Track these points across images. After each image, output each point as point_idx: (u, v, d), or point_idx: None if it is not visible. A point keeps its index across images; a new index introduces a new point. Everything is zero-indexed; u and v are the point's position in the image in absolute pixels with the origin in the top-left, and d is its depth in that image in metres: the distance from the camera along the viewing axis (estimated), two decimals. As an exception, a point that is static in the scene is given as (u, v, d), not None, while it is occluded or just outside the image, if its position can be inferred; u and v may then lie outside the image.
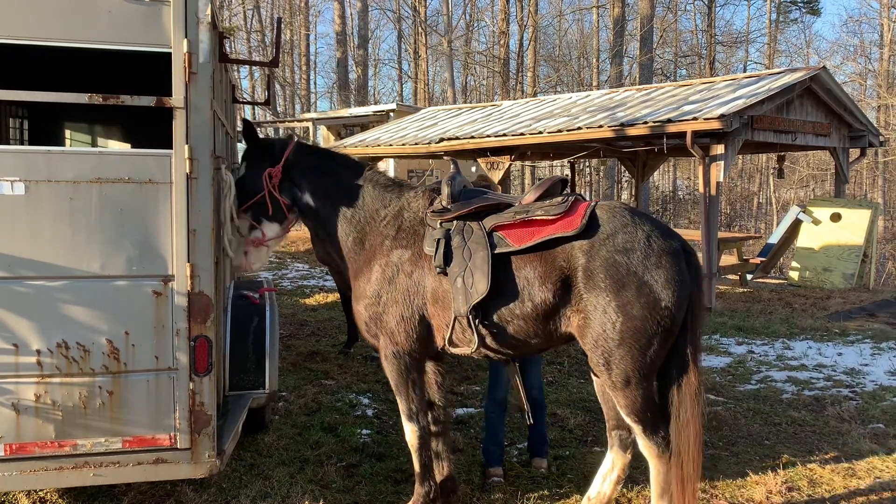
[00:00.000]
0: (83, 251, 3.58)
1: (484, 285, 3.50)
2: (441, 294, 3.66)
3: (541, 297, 3.48)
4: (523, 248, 3.52)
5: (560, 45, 38.22)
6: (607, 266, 3.39)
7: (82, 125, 7.80)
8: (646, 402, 3.49)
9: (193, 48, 3.61)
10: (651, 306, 3.36)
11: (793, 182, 32.13)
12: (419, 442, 3.89)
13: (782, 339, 8.66)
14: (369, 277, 3.83)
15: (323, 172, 4.02)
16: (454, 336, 3.66)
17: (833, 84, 12.00)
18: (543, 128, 11.99)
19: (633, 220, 3.50)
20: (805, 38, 44.33)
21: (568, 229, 3.47)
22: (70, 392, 3.62)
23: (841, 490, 4.44)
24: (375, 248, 3.86)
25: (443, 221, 3.71)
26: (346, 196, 3.97)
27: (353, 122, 19.88)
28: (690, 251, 3.56)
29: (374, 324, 3.84)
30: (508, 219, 3.61)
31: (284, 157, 3.98)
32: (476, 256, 3.55)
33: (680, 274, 3.42)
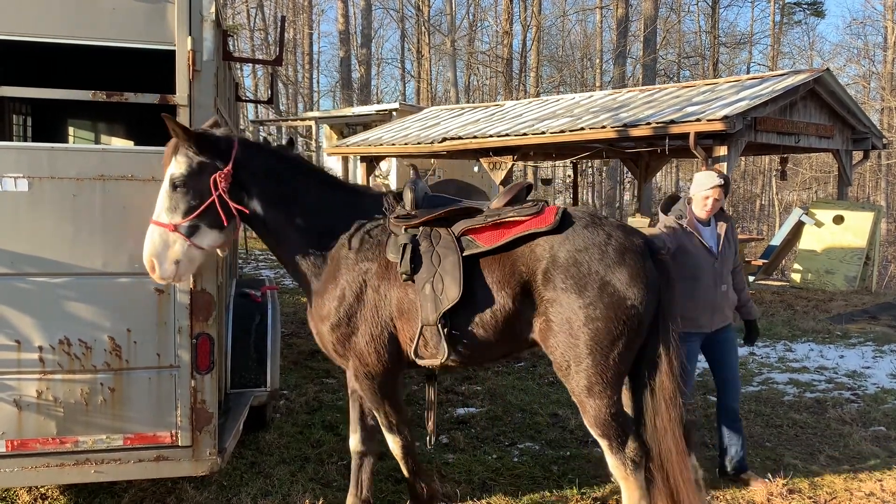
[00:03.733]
0: (86, 248, 3.59)
1: (455, 291, 3.34)
2: (407, 305, 3.46)
3: (509, 301, 3.36)
4: (495, 247, 3.40)
5: (563, 46, 38.20)
6: (567, 266, 3.29)
7: (86, 122, 7.83)
8: (611, 412, 3.33)
9: (197, 46, 3.61)
10: (615, 306, 3.25)
11: (795, 184, 32.10)
12: (403, 451, 3.82)
13: (784, 342, 8.65)
14: (334, 295, 3.53)
15: (273, 176, 3.54)
16: (419, 348, 3.47)
17: (837, 86, 11.99)
18: (546, 128, 11.98)
19: (594, 222, 3.42)
20: (808, 39, 44.38)
21: (542, 225, 3.37)
22: (72, 389, 3.63)
23: (842, 492, 4.44)
24: (338, 262, 3.55)
25: (408, 227, 3.52)
26: (300, 204, 3.57)
27: (355, 121, 19.88)
28: (658, 248, 3.48)
29: (341, 346, 3.58)
30: (479, 222, 3.48)
31: (233, 158, 3.43)
32: (446, 261, 3.39)
33: (645, 271, 3.32)
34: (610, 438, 3.36)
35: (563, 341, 3.31)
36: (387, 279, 3.49)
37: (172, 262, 3.38)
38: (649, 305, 3.31)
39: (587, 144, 12.55)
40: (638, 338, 3.33)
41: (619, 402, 3.37)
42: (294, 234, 3.60)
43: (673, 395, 3.39)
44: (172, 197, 3.39)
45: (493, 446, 5.15)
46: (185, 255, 3.38)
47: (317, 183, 3.66)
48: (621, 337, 3.26)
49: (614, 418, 3.33)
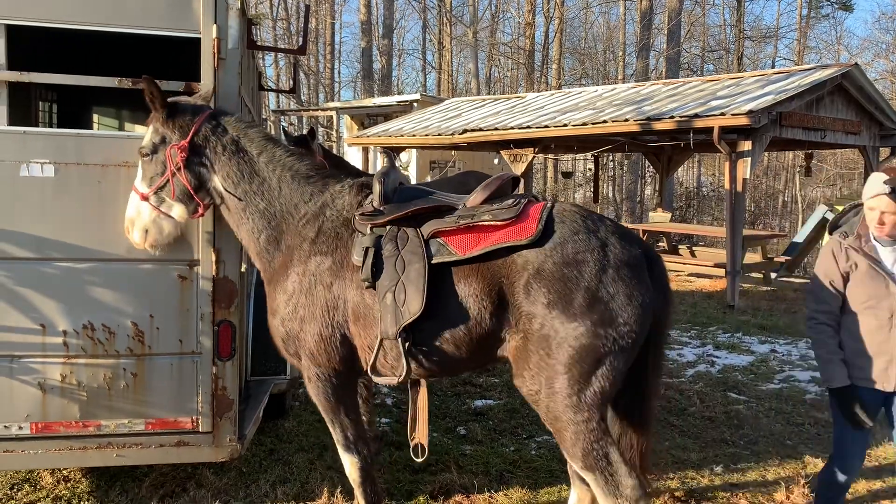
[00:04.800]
0: (110, 234, 3.62)
1: (417, 304, 2.95)
2: (363, 310, 3.12)
3: (485, 315, 2.96)
4: (467, 257, 2.97)
5: (586, 38, 37.93)
6: (552, 279, 2.86)
7: (110, 109, 7.87)
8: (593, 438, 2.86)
9: (222, 34, 3.62)
10: (606, 324, 2.83)
11: (819, 181, 31.72)
12: (361, 475, 3.41)
13: (806, 339, 8.55)
14: (284, 287, 3.28)
15: (236, 152, 3.38)
16: (378, 362, 3.13)
17: (865, 81, 11.80)
18: (568, 120, 11.91)
19: (586, 226, 2.96)
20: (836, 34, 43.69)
21: (521, 236, 2.93)
22: (95, 373, 3.66)
23: (864, 493, 4.39)
24: (292, 252, 3.30)
25: (374, 226, 3.13)
26: (260, 184, 3.38)
27: (376, 111, 19.88)
28: (655, 257, 3.07)
29: (291, 342, 3.31)
30: (451, 224, 3.05)
31: (193, 131, 3.32)
32: (410, 269, 3.00)
33: (642, 287, 2.90)
34: (594, 471, 2.88)
35: (537, 362, 2.89)
36: (342, 278, 3.16)
37: (142, 230, 3.42)
38: (644, 325, 2.91)
39: (609, 137, 12.47)
40: (629, 359, 2.93)
41: (601, 428, 2.88)
42: (253, 218, 3.40)
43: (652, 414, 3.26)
44: (143, 166, 3.42)
45: (511, 438, 5.14)
46: (153, 224, 3.42)
47: (281, 164, 3.41)
48: (607, 356, 2.83)
49: (597, 445, 2.86)
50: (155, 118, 3.38)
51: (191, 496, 4.11)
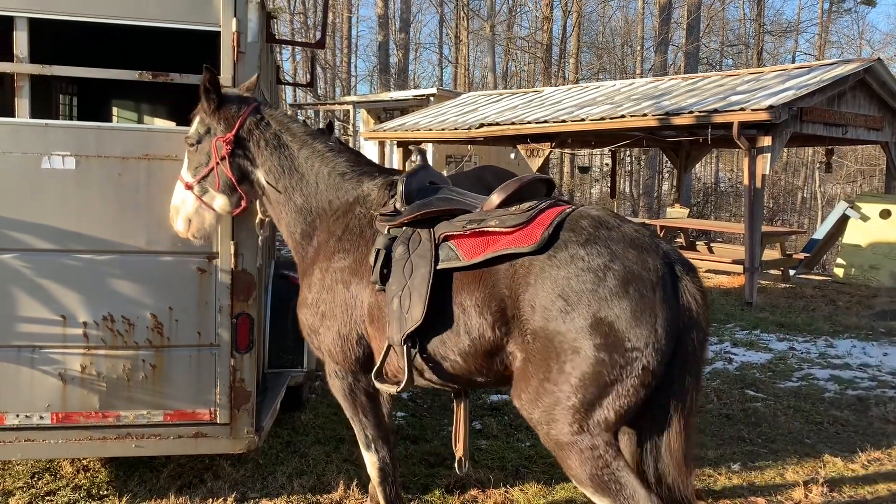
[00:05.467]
0: (130, 226, 3.65)
1: (419, 311, 2.81)
2: (377, 313, 3.04)
3: (487, 328, 2.77)
4: (471, 263, 2.81)
5: (604, 32, 37.72)
6: (553, 295, 2.60)
7: (129, 103, 7.93)
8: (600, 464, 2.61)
9: (242, 27, 3.64)
10: (610, 348, 2.52)
11: (839, 177, 31.36)
12: (379, 475, 3.37)
13: (825, 337, 8.48)
14: (310, 282, 3.28)
15: (278, 147, 3.39)
16: (386, 368, 3.05)
17: (888, 76, 11.64)
18: (586, 115, 11.85)
19: (598, 235, 2.67)
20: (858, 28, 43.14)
21: (524, 244, 2.71)
22: (114, 364, 3.70)
23: (885, 493, 4.34)
24: (320, 248, 3.30)
25: (391, 227, 3.06)
26: (299, 179, 3.38)
27: (393, 105, 19.89)
28: (683, 274, 2.66)
29: (314, 337, 3.31)
30: (460, 228, 2.90)
31: (238, 124, 3.34)
32: (416, 274, 2.87)
33: (656, 305, 2.54)
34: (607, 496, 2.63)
35: (536, 387, 2.66)
36: (359, 278, 3.11)
37: (185, 220, 3.47)
38: (660, 349, 2.55)
39: (627, 132, 12.40)
40: (642, 388, 2.56)
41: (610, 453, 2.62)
42: (291, 212, 3.42)
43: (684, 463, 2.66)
44: (189, 155, 3.45)
45: (527, 434, 5.13)
46: (196, 214, 3.46)
47: (320, 159, 3.39)
48: (614, 384, 2.53)
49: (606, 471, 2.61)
50: (202, 108, 3.40)
51: (208, 487, 4.13)
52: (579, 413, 2.59)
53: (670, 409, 2.64)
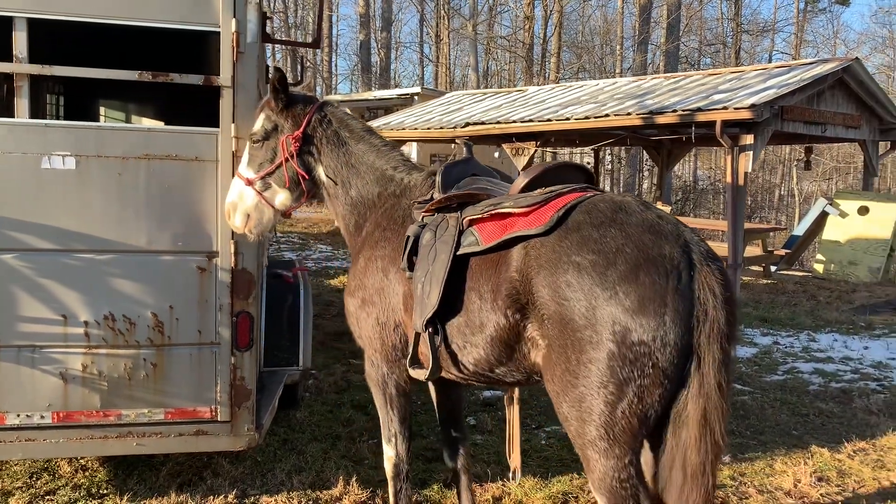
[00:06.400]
0: (131, 226, 3.66)
1: (436, 296, 2.82)
2: (409, 300, 3.05)
3: (501, 316, 2.72)
4: (488, 247, 2.78)
5: (583, 32, 37.93)
6: (560, 281, 2.50)
7: (116, 103, 7.90)
8: (621, 477, 2.47)
9: (241, 28, 3.66)
10: (617, 340, 2.39)
11: (816, 175, 31.83)
12: (394, 469, 3.42)
13: (807, 331, 8.64)
14: (354, 270, 3.39)
15: (339, 143, 3.51)
16: (419, 355, 3.05)
17: (865, 76, 11.86)
18: (570, 114, 11.95)
19: (614, 219, 2.54)
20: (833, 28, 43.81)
21: (533, 225, 2.65)
22: (115, 363, 3.71)
23: (870, 481, 4.46)
24: (366, 237, 3.40)
25: (424, 214, 3.11)
26: (356, 174, 3.50)
27: (376, 105, 19.91)
28: (703, 264, 2.46)
29: (355, 322, 3.38)
30: (479, 211, 2.89)
31: (305, 122, 3.44)
32: (437, 260, 2.88)
33: (667, 294, 2.38)
34: None
35: (560, 377, 2.54)
36: (396, 266, 3.15)
37: (244, 215, 3.50)
38: (671, 342, 2.38)
39: (611, 131, 12.52)
40: (656, 386, 2.41)
41: (633, 465, 2.50)
42: (346, 205, 3.53)
43: (699, 470, 2.44)
44: (251, 152, 3.50)
45: (521, 429, 5.19)
46: (255, 210, 3.49)
47: (375, 153, 3.52)
48: (629, 382, 2.40)
49: (625, 486, 2.48)
50: (269, 106, 3.47)
51: (208, 485, 4.16)
52: (604, 416, 2.45)
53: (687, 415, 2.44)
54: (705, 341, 2.41)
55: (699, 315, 2.41)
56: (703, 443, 2.42)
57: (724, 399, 2.43)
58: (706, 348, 2.41)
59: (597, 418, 2.47)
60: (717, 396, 2.42)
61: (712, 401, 2.42)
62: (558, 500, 4.14)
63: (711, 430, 2.42)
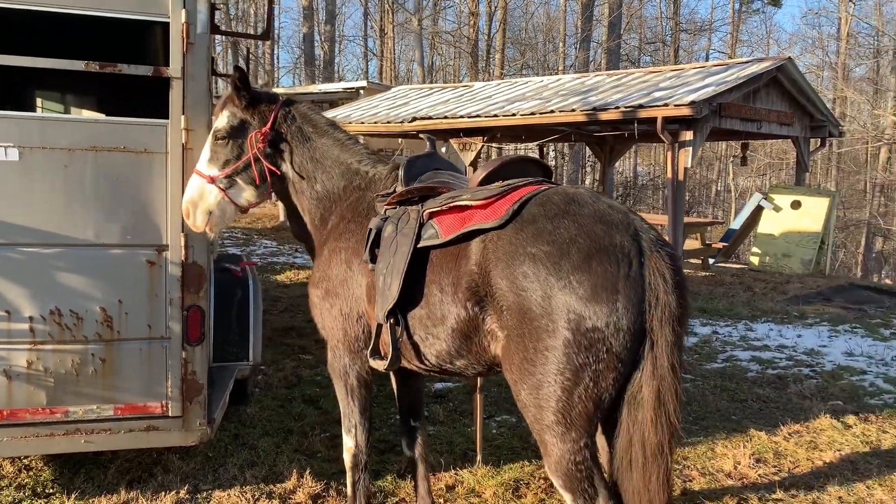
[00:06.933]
0: (78, 219, 3.59)
1: (396, 287, 2.88)
2: (372, 292, 3.10)
3: (460, 308, 2.78)
4: (447, 240, 2.84)
5: (526, 28, 38.31)
6: (516, 272, 2.58)
7: (54, 93, 7.65)
8: (577, 460, 2.56)
9: (191, 19, 3.62)
10: (572, 327, 2.47)
11: (751, 170, 32.91)
12: (353, 460, 3.46)
13: (745, 321, 8.96)
14: (318, 262, 3.45)
15: (304, 139, 3.53)
16: (381, 345, 3.11)
17: (798, 75, 12.33)
18: (517, 110, 12.09)
19: (569, 209, 2.62)
20: (766, 28, 45.30)
21: (490, 219, 2.72)
22: (62, 359, 3.63)
23: (804, 461, 4.68)
24: (331, 230, 3.44)
25: (387, 207, 3.16)
26: (321, 168, 3.52)
27: (321, 98, 19.70)
28: (652, 250, 2.54)
29: (318, 313, 3.42)
30: (439, 204, 2.94)
31: (272, 119, 3.45)
32: (398, 252, 2.93)
33: (618, 281, 2.46)
34: (574, 493, 2.59)
35: (518, 366, 2.62)
36: (360, 258, 3.20)
37: (205, 213, 3.46)
38: (624, 327, 2.47)
39: (556, 127, 12.70)
40: (610, 370, 2.50)
41: (588, 448, 2.59)
42: (312, 200, 3.55)
43: (657, 451, 2.53)
44: (214, 149, 3.46)
45: (472, 419, 5.26)
46: (218, 207, 3.46)
47: (339, 148, 3.54)
48: (585, 368, 2.48)
49: (580, 468, 2.57)
50: (232, 103, 3.44)
51: (159, 481, 4.11)
52: (561, 401, 2.53)
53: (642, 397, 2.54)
54: (657, 325, 2.50)
55: (651, 300, 2.50)
56: (660, 422, 2.51)
57: (677, 380, 2.53)
58: (658, 331, 2.50)
59: (554, 404, 2.55)
60: (671, 377, 2.51)
61: (666, 381, 2.51)
62: (510, 486, 4.22)
63: (666, 409, 2.51)
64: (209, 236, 3.61)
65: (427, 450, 3.70)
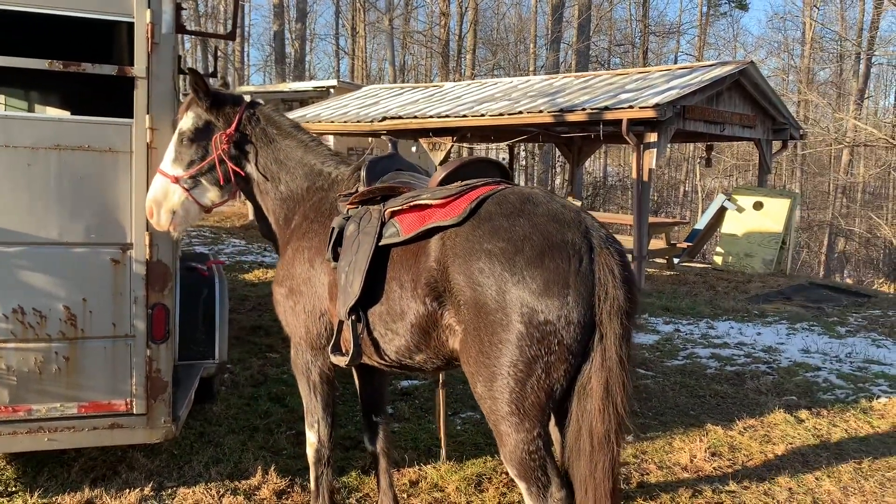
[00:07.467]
0: (41, 217, 3.59)
1: (358, 285, 2.94)
2: (334, 289, 3.17)
3: (419, 304, 2.86)
4: (407, 238, 2.91)
5: (498, 29, 38.51)
6: (473, 269, 2.67)
7: (17, 91, 7.58)
8: (530, 449, 2.65)
9: (156, 19, 3.65)
10: (525, 320, 2.56)
11: (717, 171, 33.43)
12: (316, 455, 3.53)
13: (706, 319, 9.16)
14: (283, 261, 3.49)
15: (268, 140, 3.58)
16: (342, 342, 3.16)
17: (760, 79, 12.61)
18: (486, 111, 12.19)
19: (523, 209, 2.71)
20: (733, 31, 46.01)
21: (448, 217, 2.80)
22: (25, 357, 3.64)
23: (757, 454, 4.83)
24: (294, 229, 3.50)
25: (349, 207, 3.21)
26: (284, 170, 3.58)
27: (292, 97, 19.66)
28: (601, 247, 2.63)
29: (282, 314, 3.49)
30: (400, 203, 3.01)
31: (237, 120, 3.51)
32: (360, 250, 3.00)
33: (569, 276, 2.55)
34: (528, 481, 2.68)
35: (474, 358, 2.71)
36: (322, 256, 3.26)
37: (169, 212, 3.49)
38: (575, 320, 2.56)
39: (524, 128, 12.85)
40: (561, 362, 2.59)
41: (541, 437, 2.68)
42: (276, 201, 3.62)
43: (604, 438, 2.62)
44: (179, 150, 3.50)
45: (444, 412, 5.35)
46: (182, 207, 3.50)
47: (303, 149, 3.60)
48: (537, 359, 2.57)
49: (534, 458, 2.66)
50: (196, 105, 3.48)
51: (123, 479, 4.12)
52: (515, 392, 2.61)
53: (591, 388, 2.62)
54: (606, 318, 2.59)
55: (600, 294, 2.59)
56: (607, 412, 2.59)
57: (624, 371, 2.61)
58: (607, 324, 2.59)
59: (508, 394, 2.63)
60: (619, 369, 2.60)
61: (614, 373, 2.60)
62: (473, 481, 4.31)
63: (613, 400, 2.60)
64: (172, 235, 3.64)
65: (389, 444, 3.77)
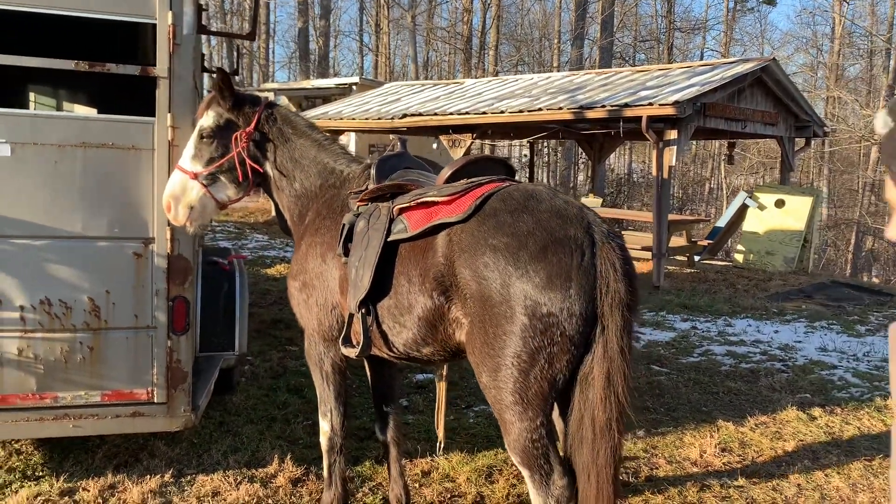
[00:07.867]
0: (67, 212, 3.74)
1: (368, 279, 3.04)
2: (345, 284, 3.27)
3: (427, 298, 2.95)
4: (415, 234, 3.00)
5: (522, 25, 38.45)
6: (478, 263, 2.76)
7: (47, 89, 7.79)
8: (533, 438, 2.74)
9: (178, 20, 3.77)
10: (529, 313, 2.65)
11: (743, 168, 33.11)
12: (328, 444, 3.65)
13: (724, 317, 9.15)
14: (297, 256, 3.61)
15: (285, 139, 3.70)
16: (352, 334, 3.25)
17: (782, 75, 12.52)
18: (505, 107, 12.25)
19: (527, 206, 2.79)
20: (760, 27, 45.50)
21: (454, 213, 2.89)
22: (52, 347, 3.79)
23: (768, 450, 4.87)
24: (308, 225, 3.62)
25: (359, 204, 3.31)
26: (299, 168, 3.70)
27: (314, 93, 19.84)
28: (603, 242, 2.71)
29: (297, 307, 3.61)
30: (408, 200, 3.10)
31: (256, 119, 3.63)
32: (370, 245, 3.10)
33: (572, 270, 2.64)
34: (531, 469, 2.77)
35: (480, 349, 2.80)
36: (334, 252, 3.37)
37: (187, 207, 3.60)
38: (577, 312, 2.64)
39: (544, 125, 12.87)
40: (564, 353, 2.68)
41: (544, 426, 2.76)
42: (291, 198, 3.73)
43: (606, 426, 2.70)
44: (198, 147, 3.61)
45: (450, 409, 5.43)
46: (199, 202, 3.60)
47: (317, 148, 3.72)
48: (540, 350, 2.66)
49: (537, 446, 2.75)
50: (218, 104, 3.60)
51: (145, 465, 4.27)
52: (518, 382, 2.70)
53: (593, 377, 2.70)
54: (608, 310, 2.67)
55: (601, 287, 2.67)
56: (608, 401, 2.68)
57: (626, 362, 2.69)
58: (609, 316, 2.67)
59: (512, 384, 2.72)
60: (620, 359, 2.68)
61: (615, 363, 2.67)
62: (483, 472, 4.40)
63: (615, 389, 2.68)
64: (188, 231, 3.74)
65: (399, 434, 3.87)
